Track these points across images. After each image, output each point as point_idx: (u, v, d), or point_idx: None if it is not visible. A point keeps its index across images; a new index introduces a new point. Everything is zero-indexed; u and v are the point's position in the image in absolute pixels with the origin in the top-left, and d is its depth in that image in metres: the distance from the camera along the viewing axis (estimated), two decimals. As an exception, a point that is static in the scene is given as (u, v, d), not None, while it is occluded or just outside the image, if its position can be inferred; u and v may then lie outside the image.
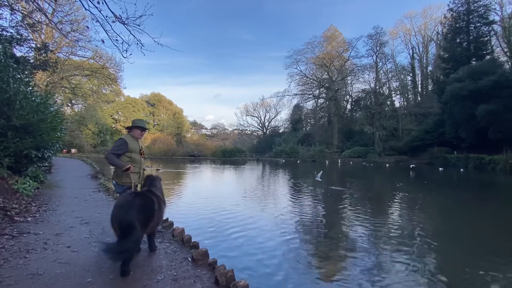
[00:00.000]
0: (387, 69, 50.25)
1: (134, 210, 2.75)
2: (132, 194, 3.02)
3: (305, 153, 44.52)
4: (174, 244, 3.97)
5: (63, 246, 3.67)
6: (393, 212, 8.18)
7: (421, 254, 4.82)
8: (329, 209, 8.40)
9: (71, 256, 3.38)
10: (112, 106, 52.49)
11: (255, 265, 4.24)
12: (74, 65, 32.50)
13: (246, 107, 65.31)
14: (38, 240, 3.81)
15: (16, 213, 4.75)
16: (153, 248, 3.63)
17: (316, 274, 4.14)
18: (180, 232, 4.16)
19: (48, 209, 5.51)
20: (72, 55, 31.62)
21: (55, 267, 3.06)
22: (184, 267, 3.25)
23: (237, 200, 9.48)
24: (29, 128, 6.59)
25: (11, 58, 7.38)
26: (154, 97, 63.61)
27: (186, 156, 44.51)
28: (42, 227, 4.34)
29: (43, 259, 3.22)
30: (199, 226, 6.13)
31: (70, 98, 43.82)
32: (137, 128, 3.85)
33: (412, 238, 5.68)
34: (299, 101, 57.35)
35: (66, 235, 4.06)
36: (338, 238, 5.69)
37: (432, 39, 49.94)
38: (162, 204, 3.41)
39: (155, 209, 3.08)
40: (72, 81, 34.21)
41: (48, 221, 4.73)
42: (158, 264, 3.29)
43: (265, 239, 5.38)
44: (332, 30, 52.95)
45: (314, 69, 53.79)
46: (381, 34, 45.65)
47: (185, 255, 3.57)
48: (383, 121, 43.93)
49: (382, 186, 14.83)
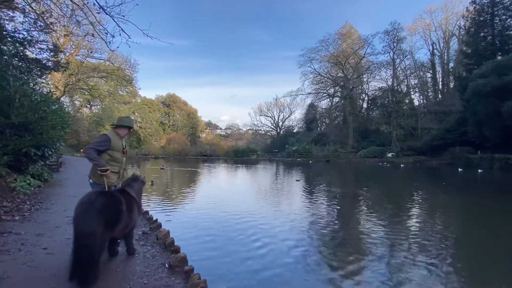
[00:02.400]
0: (405, 66, 48.46)
1: (93, 211, 2.48)
2: (96, 192, 2.77)
3: (318, 153, 43.63)
4: (156, 247, 3.72)
5: (39, 248, 3.50)
6: (410, 215, 7.59)
7: (441, 261, 4.32)
8: (343, 212, 7.89)
9: (44, 259, 3.19)
10: (128, 107, 53.63)
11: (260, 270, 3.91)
12: (91, 67, 33.42)
13: (260, 107, 65.05)
14: (16, 240, 3.66)
15: (5, 211, 4.66)
16: (131, 252, 3.39)
17: (329, 279, 3.76)
18: (164, 235, 3.91)
19: (40, 208, 5.44)
20: (89, 58, 32.53)
21: (24, 270, 2.88)
22: (159, 274, 2.98)
23: (242, 198, 9.19)
24: (29, 126, 6.58)
25: (15, 57, 7.46)
26: (169, 97, 64.49)
27: (199, 156, 44.80)
28: (26, 227, 4.21)
29: (13, 262, 3.05)
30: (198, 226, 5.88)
31: (88, 100, 45.30)
32: (124, 127, 3.63)
33: (430, 243, 5.15)
34: (313, 100, 56.37)
35: (47, 236, 3.90)
36: (352, 242, 5.27)
37: (453, 34, 47.62)
38: (135, 205, 3.14)
39: (122, 210, 2.81)
40: (89, 83, 35.24)
41: (35, 220, 4.62)
42: (132, 270, 3.04)
43: (272, 242, 5.01)
44: (348, 27, 51.69)
45: (328, 67, 52.70)
46: (398, 30, 43.98)
47: (164, 260, 3.31)
48: (400, 120, 42.27)
49: (399, 188, 14.06)
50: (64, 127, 8.10)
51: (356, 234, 5.85)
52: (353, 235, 5.76)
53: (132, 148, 49.39)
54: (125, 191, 3.09)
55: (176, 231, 5.06)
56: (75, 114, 36.51)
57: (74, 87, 32.61)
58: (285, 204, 8.65)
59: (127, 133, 3.71)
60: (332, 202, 9.09)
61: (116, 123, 3.72)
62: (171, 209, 7.54)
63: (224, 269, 3.84)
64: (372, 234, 5.69)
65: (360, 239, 5.45)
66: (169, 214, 6.84)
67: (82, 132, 38.41)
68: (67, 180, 9.25)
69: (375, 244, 5.07)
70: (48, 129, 6.98)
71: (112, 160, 3.51)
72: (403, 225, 6.48)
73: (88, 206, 2.53)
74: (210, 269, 3.69)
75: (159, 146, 53.02)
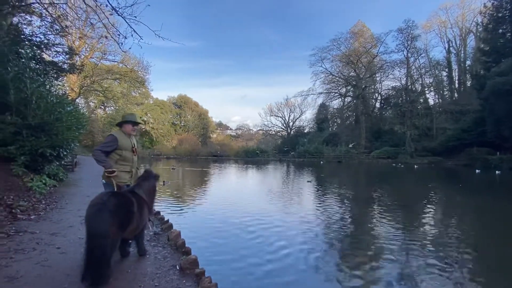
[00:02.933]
0: (420, 64, 47.12)
1: (106, 212, 2.47)
2: (108, 193, 2.76)
3: (330, 154, 43.09)
4: (167, 248, 3.70)
5: (53, 247, 3.54)
6: (424, 218, 7.35)
7: (456, 266, 4.16)
8: (355, 214, 7.70)
9: (57, 258, 3.22)
10: (141, 108, 54.52)
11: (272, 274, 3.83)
12: (105, 69, 34.19)
13: (270, 107, 64.89)
14: (31, 239, 3.72)
15: (21, 210, 4.77)
16: (142, 253, 3.38)
17: (343, 283, 3.65)
18: (175, 236, 3.88)
19: (55, 207, 5.54)
20: (103, 60, 33.29)
21: (37, 270, 2.91)
22: (170, 276, 2.95)
23: (252, 199, 9.13)
24: (45, 127, 6.74)
25: (32, 60, 7.66)
26: (181, 99, 65.24)
27: (209, 156, 45.08)
28: (41, 226, 4.29)
29: (27, 261, 3.09)
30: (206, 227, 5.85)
31: (102, 101, 46.34)
32: (127, 123, 3.59)
33: (445, 247, 4.94)
34: (325, 100, 55.71)
35: (61, 236, 3.95)
36: (365, 244, 5.13)
37: (470, 31, 46.03)
38: (145, 205, 3.12)
39: (134, 211, 2.79)
40: (103, 85, 36.06)
41: (50, 219, 4.70)
42: (142, 271, 3.02)
43: (284, 245, 4.90)
44: (360, 26, 50.85)
45: (340, 66, 51.95)
46: (412, 28, 42.90)
47: (175, 262, 3.28)
48: (415, 119, 41.20)
49: (413, 190, 13.65)
50: (78, 128, 8.26)
51: (369, 236, 5.70)
52: (366, 237, 5.61)
53: (145, 149, 50.26)
54: (135, 192, 3.07)
55: (187, 232, 5.07)
56: (90, 115, 37.39)
57: (89, 89, 33.40)
58: (296, 206, 8.52)
59: (132, 129, 3.62)
60: (344, 204, 8.91)
61: (122, 119, 3.68)
62: (183, 209, 7.56)
63: (235, 273, 3.78)
64: (385, 236, 5.53)
65: (373, 242, 5.30)
66: (180, 214, 6.85)
67: (97, 133, 39.29)
68: (81, 180, 9.44)
69: (388, 247, 4.92)
70: (63, 130, 7.13)
71: (122, 159, 3.50)
72: (417, 228, 6.27)
73: (101, 207, 2.52)
74: (220, 272, 3.65)
75: (171, 146, 53.70)
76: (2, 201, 4.81)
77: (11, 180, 5.92)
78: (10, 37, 8.28)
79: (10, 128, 6.27)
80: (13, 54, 7.06)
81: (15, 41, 7.48)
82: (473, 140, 31.51)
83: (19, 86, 6.48)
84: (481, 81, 30.31)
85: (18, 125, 6.33)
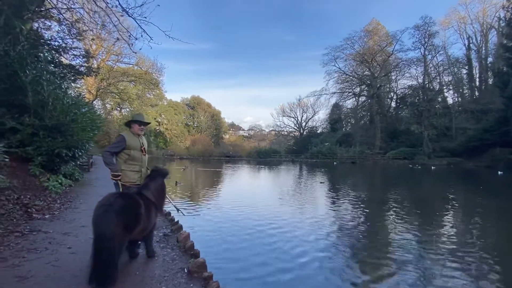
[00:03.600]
0: (438, 62, 45.52)
1: (112, 213, 2.45)
2: (115, 194, 2.74)
3: (343, 154, 42.36)
4: (176, 250, 3.67)
5: (64, 247, 3.58)
6: (442, 222, 7.02)
7: (476, 273, 3.91)
8: (370, 217, 7.43)
9: (67, 258, 3.25)
10: (155, 109, 55.62)
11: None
12: (121, 71, 35.08)
13: (283, 107, 64.57)
14: (44, 239, 3.78)
15: (37, 210, 4.88)
16: (151, 254, 3.36)
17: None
18: (184, 238, 3.84)
19: (70, 207, 5.65)
20: (118, 63, 34.17)
21: (47, 270, 2.93)
22: (178, 279, 2.90)
23: (264, 201, 9.02)
24: (61, 128, 6.91)
25: (50, 63, 7.88)
26: (194, 100, 66.08)
27: (222, 157, 45.34)
28: (54, 226, 4.36)
29: (39, 260, 3.13)
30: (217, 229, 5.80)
31: (118, 103, 47.56)
32: (135, 123, 3.60)
33: (464, 252, 4.67)
34: (338, 100, 54.84)
35: (73, 235, 4.00)
36: (380, 248, 4.94)
37: (492, 27, 44.05)
38: (153, 207, 3.09)
39: (141, 213, 2.76)
40: (119, 87, 37.02)
41: (64, 219, 4.78)
42: (150, 274, 2.98)
43: (297, 252, 4.71)
44: (374, 24, 49.76)
45: (354, 65, 51.03)
46: (429, 25, 41.54)
47: (183, 264, 3.23)
48: (433, 119, 39.82)
49: (431, 192, 13.14)
50: (93, 129, 8.43)
51: (385, 240, 5.47)
52: (381, 241, 5.39)
53: (159, 149, 51.20)
54: (141, 194, 3.05)
55: (198, 234, 5.04)
56: (107, 116, 38.42)
57: (106, 91, 34.35)
58: (310, 209, 8.21)
59: (140, 128, 3.62)
60: (359, 206, 8.63)
61: (130, 119, 3.72)
62: (194, 211, 7.54)
63: (244, 278, 3.68)
64: (401, 240, 5.30)
65: (389, 246, 5.07)
66: (191, 216, 6.83)
67: (113, 134, 40.29)
68: (96, 180, 9.64)
69: (404, 251, 4.69)
70: (78, 131, 7.30)
71: (130, 159, 3.51)
72: (435, 232, 5.97)
73: (107, 208, 2.50)
74: (229, 277, 3.57)
75: (184, 147, 54.45)
76: (19, 200, 4.94)
77: (28, 180, 6.09)
78: (30, 41, 8.56)
79: (28, 130, 6.46)
80: (32, 57, 7.28)
81: (33, 45, 7.71)
82: (496, 140, 30.08)
83: (37, 89, 6.68)
84: (504, 79, 28.96)
85: (36, 126, 6.52)
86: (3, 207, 4.42)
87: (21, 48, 7.15)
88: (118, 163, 3.50)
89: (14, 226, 4.07)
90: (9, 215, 4.33)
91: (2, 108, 6.39)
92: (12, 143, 6.23)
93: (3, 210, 4.37)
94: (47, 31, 12.02)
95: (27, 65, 6.66)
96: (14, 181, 5.51)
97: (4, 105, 6.53)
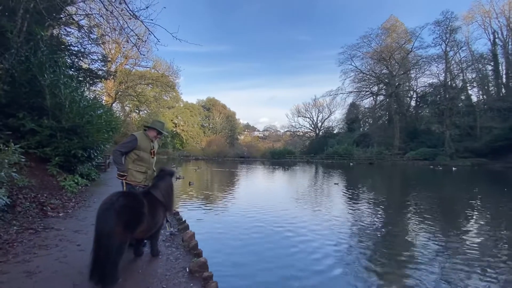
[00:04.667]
0: (460, 58, 43.42)
1: (113, 212, 2.49)
2: (118, 194, 2.78)
3: (360, 155, 41.36)
4: (180, 250, 3.68)
5: (74, 244, 3.68)
6: (466, 227, 6.64)
7: (502, 279, 3.65)
8: (388, 221, 7.11)
9: (75, 255, 3.33)
10: (172, 111, 56.74)
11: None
12: (138, 75, 36.10)
13: (298, 108, 63.96)
14: (56, 236, 3.91)
15: (52, 208, 5.07)
16: (155, 253, 3.39)
17: None
18: (189, 237, 3.85)
19: (83, 205, 5.83)
20: (136, 66, 35.20)
21: (55, 266, 3.02)
22: (179, 278, 2.90)
23: (277, 202, 8.91)
24: (77, 129, 7.17)
25: (70, 68, 8.19)
26: (209, 101, 66.92)
27: (236, 158, 45.56)
28: (66, 223, 4.51)
29: (48, 257, 3.23)
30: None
31: (136, 105, 48.96)
32: (153, 129, 3.70)
33: (489, 258, 4.39)
34: (355, 99, 53.53)
35: (83, 233, 4.11)
36: (399, 252, 4.74)
37: (520, 20, 41.65)
38: (160, 206, 3.11)
39: (143, 212, 2.78)
40: (137, 90, 38.07)
41: (76, 217, 4.94)
42: (153, 272, 3.01)
43: (312, 259, 4.50)
44: (392, 21, 48.32)
45: (371, 64, 49.68)
46: (451, 20, 39.81)
47: (186, 263, 3.23)
48: (455, 118, 38.06)
49: (454, 194, 12.51)
50: (108, 130, 8.68)
51: (404, 245, 5.21)
52: (400, 245, 5.14)
53: (176, 150, 52.18)
54: (150, 193, 3.08)
55: (205, 236, 5.03)
56: (125, 118, 39.62)
57: (124, 94, 35.40)
58: (325, 213, 7.82)
59: (156, 135, 3.77)
60: (376, 209, 8.33)
61: (149, 124, 3.82)
62: (205, 210, 7.58)
63: (248, 280, 3.64)
64: (422, 245, 5.05)
65: (408, 250, 4.85)
66: (202, 216, 6.87)
67: (131, 135, 41.53)
68: (112, 180, 9.91)
69: (425, 258, 4.46)
70: (94, 132, 7.53)
71: (139, 159, 3.59)
72: (457, 237, 5.65)
73: (108, 207, 2.54)
74: (231, 278, 3.54)
75: (199, 148, 55.20)
76: (35, 198, 5.15)
77: (46, 179, 6.36)
78: (50, 47, 8.96)
79: (46, 131, 6.75)
80: (52, 62, 7.61)
81: (53, 51, 8.05)
82: (525, 139, 28.42)
83: (54, 92, 6.96)
84: (534, 74, 27.25)
85: (53, 128, 6.80)
86: (20, 205, 4.62)
87: (41, 54, 7.49)
88: (126, 162, 3.58)
89: (29, 223, 4.24)
90: (25, 213, 4.53)
91: (23, 111, 6.71)
92: (32, 144, 6.53)
93: (20, 208, 4.57)
94: (66, 36, 12.56)
95: (46, 69, 6.96)
96: (33, 181, 5.76)
97: (25, 107, 6.86)
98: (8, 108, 6.56)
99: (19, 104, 6.77)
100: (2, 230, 3.73)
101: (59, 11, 9.84)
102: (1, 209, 4.06)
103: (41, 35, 8.14)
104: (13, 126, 6.42)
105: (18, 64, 6.69)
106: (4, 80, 6.35)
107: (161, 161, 35.23)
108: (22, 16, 7.06)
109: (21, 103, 6.81)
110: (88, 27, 12.54)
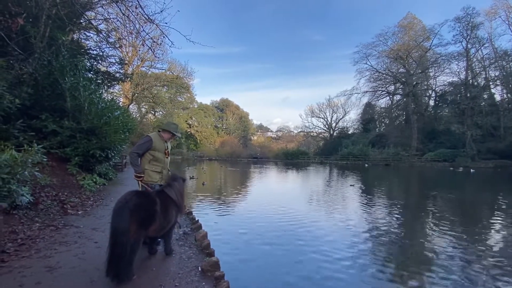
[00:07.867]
0: (483, 56, 41.66)
1: (127, 210, 2.56)
2: (132, 193, 2.86)
3: (376, 156, 40.44)
4: (193, 249, 3.73)
5: (91, 241, 3.80)
6: (488, 231, 6.35)
7: None
8: (406, 224, 6.88)
9: (93, 252, 3.44)
10: (186, 112, 57.66)
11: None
12: (154, 77, 36.92)
13: (312, 108, 63.39)
14: (75, 233, 4.06)
15: (71, 206, 5.26)
16: (168, 252, 3.45)
17: None
18: (202, 237, 3.90)
19: (101, 204, 6.02)
20: (152, 69, 36.01)
21: (73, 262, 3.13)
22: (191, 277, 2.94)
23: (290, 204, 8.86)
24: (95, 130, 7.41)
25: (89, 71, 8.48)
26: (223, 102, 67.53)
27: (250, 158, 45.66)
28: (85, 221, 4.67)
29: (67, 253, 3.35)
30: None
31: (152, 106, 50.10)
32: (168, 131, 3.81)
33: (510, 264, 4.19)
34: (370, 99, 52.44)
35: (100, 231, 4.24)
36: (417, 257, 4.62)
37: (548, 14, 39.50)
38: (172, 205, 3.17)
39: (156, 211, 2.84)
40: (153, 91, 38.94)
41: (94, 215, 5.10)
42: (166, 270, 3.06)
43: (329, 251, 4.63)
44: (410, 18, 47.03)
45: (387, 63, 48.63)
46: (472, 16, 38.30)
47: (199, 263, 3.28)
48: (477, 118, 36.49)
49: (475, 197, 11.99)
50: (124, 131, 8.92)
51: (422, 249, 5.03)
52: (418, 250, 4.97)
53: (190, 151, 52.95)
54: (163, 192, 3.14)
55: (217, 236, 5.07)
56: (142, 119, 40.60)
57: (140, 96, 36.28)
58: (340, 216, 7.59)
59: (170, 137, 3.87)
60: (393, 212, 8.10)
61: (163, 126, 3.92)
62: (217, 210, 7.64)
63: (258, 280, 3.63)
64: (440, 250, 4.88)
65: (426, 255, 4.69)
66: (215, 216, 6.93)
67: (148, 136, 42.53)
68: (128, 179, 10.18)
69: (445, 263, 4.30)
70: (111, 133, 7.76)
71: (154, 160, 3.68)
72: (479, 243, 5.41)
73: (123, 205, 2.63)
74: (242, 277, 3.55)
75: (213, 148, 55.76)
76: (56, 197, 5.36)
77: (66, 178, 6.61)
78: (70, 51, 9.32)
79: (67, 132, 7.02)
80: (72, 66, 7.91)
81: (73, 55, 8.37)
82: (554, 140, 26.90)
83: (74, 94, 7.23)
84: None
85: (73, 129, 7.06)
86: (42, 203, 4.82)
87: (62, 58, 7.80)
88: (142, 163, 3.68)
89: (50, 220, 4.42)
90: (47, 210, 4.72)
91: (45, 113, 7.01)
92: (53, 144, 6.81)
93: (42, 205, 4.77)
94: (86, 41, 13.03)
95: (67, 73, 7.25)
96: (54, 179, 6.01)
97: (47, 109, 7.16)
98: (32, 110, 6.88)
99: (42, 106, 7.09)
100: (26, 227, 3.91)
101: (79, 17, 10.22)
102: (25, 207, 4.25)
103: (62, 39, 8.48)
104: (36, 127, 6.72)
105: (41, 68, 7.00)
106: (28, 84, 6.67)
107: (175, 161, 35.88)
108: (45, 22, 7.39)
109: (43, 105, 7.12)
110: (106, 31, 12.95)
